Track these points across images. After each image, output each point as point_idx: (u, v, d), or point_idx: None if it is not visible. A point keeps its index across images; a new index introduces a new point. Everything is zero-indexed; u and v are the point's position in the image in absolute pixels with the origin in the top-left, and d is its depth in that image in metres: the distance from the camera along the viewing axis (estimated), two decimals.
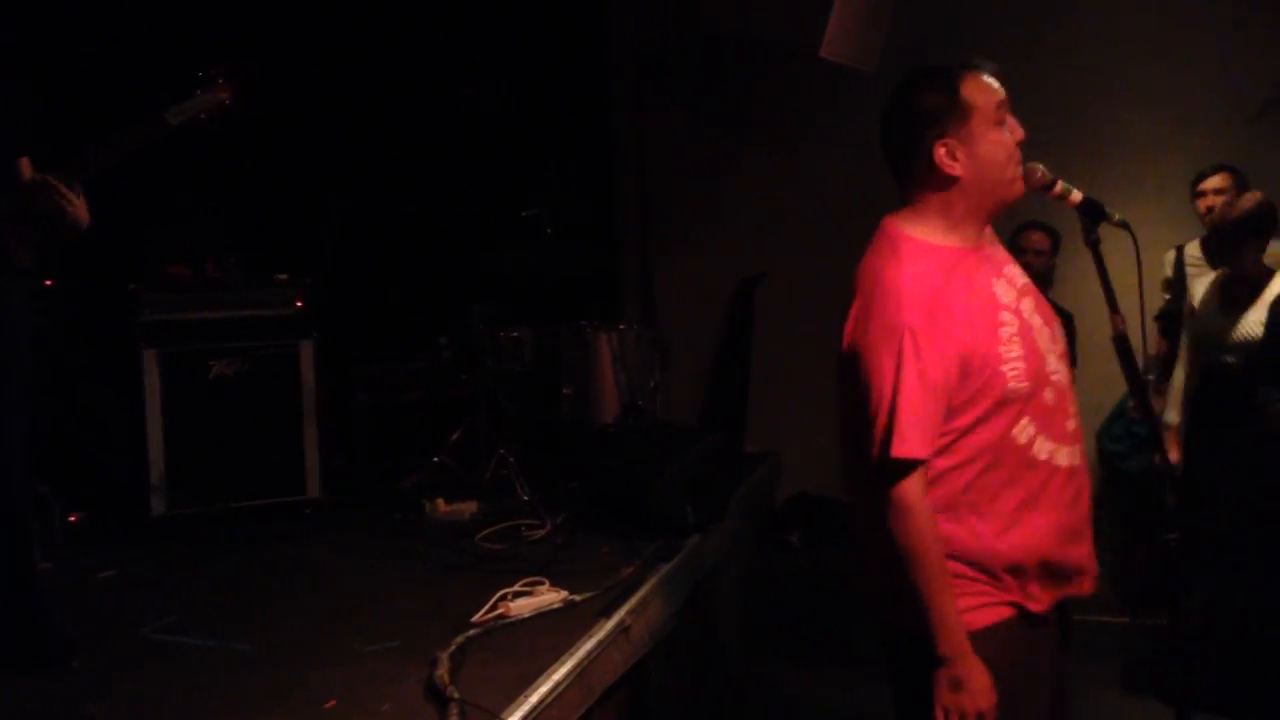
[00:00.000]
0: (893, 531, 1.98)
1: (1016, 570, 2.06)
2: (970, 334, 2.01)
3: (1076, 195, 2.15)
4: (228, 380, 4.34)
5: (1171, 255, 4.53)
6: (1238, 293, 3.87)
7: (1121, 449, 4.81)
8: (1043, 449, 2.06)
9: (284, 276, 4.55)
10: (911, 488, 1.97)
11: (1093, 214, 2.13)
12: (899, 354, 1.96)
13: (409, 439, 5.03)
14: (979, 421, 2.01)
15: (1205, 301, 3.98)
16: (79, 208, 2.79)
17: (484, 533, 3.94)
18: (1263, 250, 3.83)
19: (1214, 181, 4.35)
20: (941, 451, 2.01)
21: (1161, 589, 4.63)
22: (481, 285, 4.90)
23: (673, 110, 5.88)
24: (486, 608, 3.03)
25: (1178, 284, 4.47)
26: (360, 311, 5.37)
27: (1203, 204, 4.37)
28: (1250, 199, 3.82)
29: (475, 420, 4.81)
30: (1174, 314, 4.46)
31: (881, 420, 1.97)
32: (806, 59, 4.62)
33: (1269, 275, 3.76)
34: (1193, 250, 4.54)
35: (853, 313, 2.06)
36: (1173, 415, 4.04)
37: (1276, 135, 4.95)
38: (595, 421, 4.75)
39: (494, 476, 4.57)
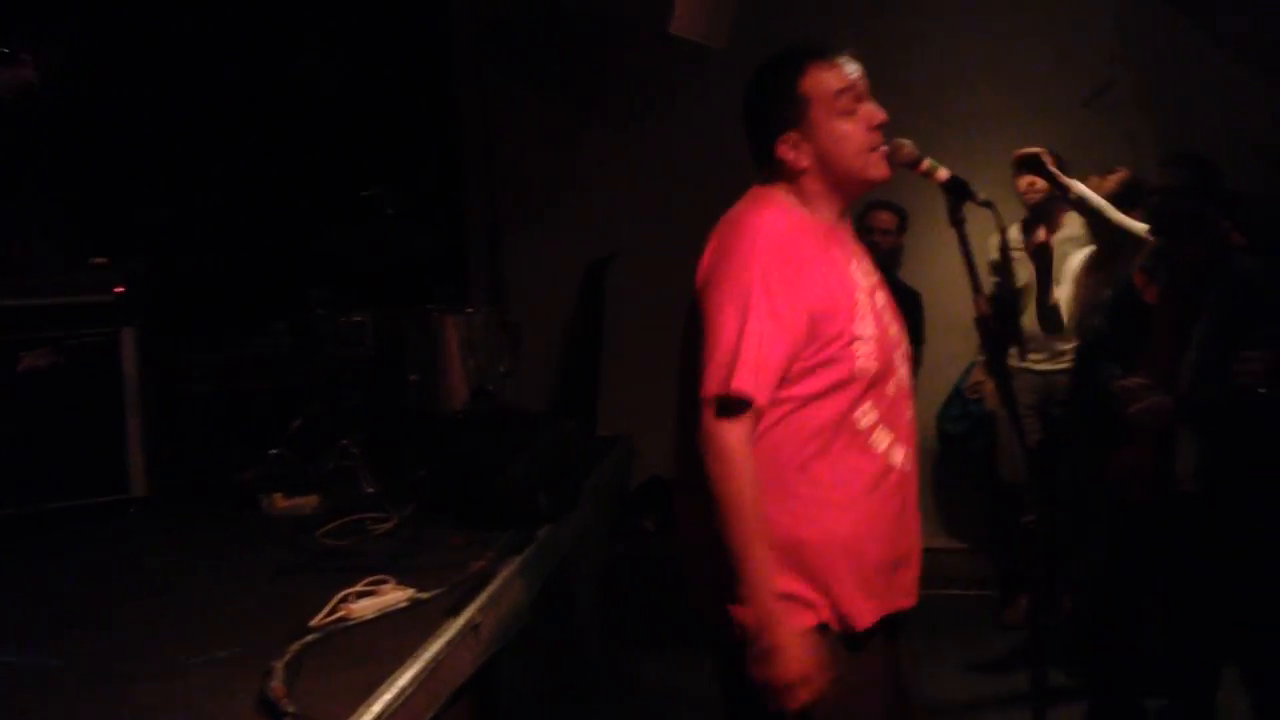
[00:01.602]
0: (713, 477, 1.86)
1: (842, 564, 1.97)
2: (824, 295, 1.95)
3: (943, 172, 2.11)
4: (40, 373, 4.02)
5: (996, 239, 4.63)
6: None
7: (961, 430, 4.92)
8: (881, 439, 2.01)
9: (102, 260, 4.24)
10: (739, 432, 1.87)
11: (959, 193, 2.10)
12: (748, 290, 1.89)
13: (244, 430, 4.76)
14: (820, 395, 1.95)
15: (1082, 276, 4.08)
16: None
17: (325, 528, 3.74)
18: None
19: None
20: (776, 422, 1.93)
21: (1017, 568, 4.77)
22: (320, 268, 4.67)
23: (519, 86, 5.76)
24: (326, 610, 2.85)
25: (1004, 268, 4.57)
26: (190, 297, 5.08)
27: (1023, 182, 4.45)
28: (1116, 177, 3.92)
29: (315, 409, 4.58)
30: (1003, 298, 4.56)
31: (722, 355, 1.88)
32: (655, 35, 4.54)
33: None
34: (1014, 234, 4.64)
35: (707, 252, 1.99)
36: (1027, 395, 4.13)
37: (1108, 117, 5.11)
38: (443, 409, 4.58)
39: (336, 468, 4.35)
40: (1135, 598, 3.51)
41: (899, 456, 2.05)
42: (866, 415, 2.00)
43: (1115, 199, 3.90)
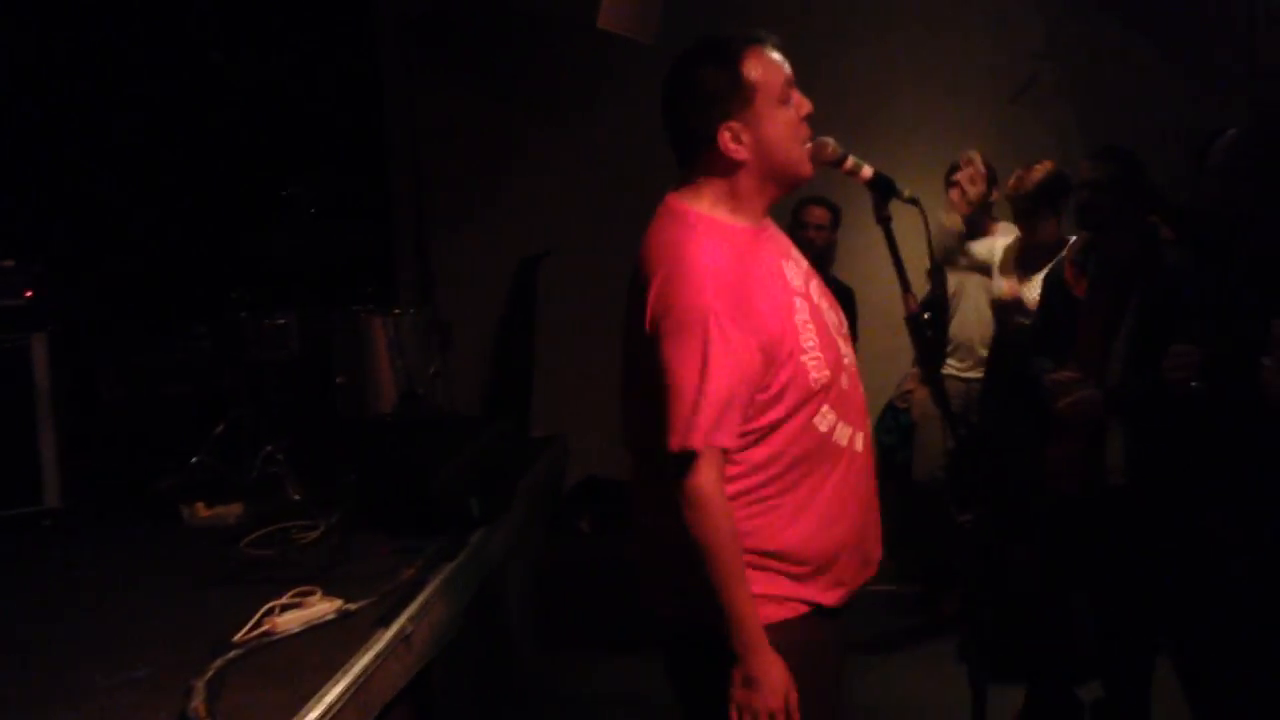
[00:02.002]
0: (689, 524, 1.86)
1: (818, 562, 2.00)
2: (772, 321, 1.93)
3: (867, 170, 2.08)
4: None
5: (929, 245, 4.63)
6: (1033, 259, 4.01)
7: (893, 441, 4.94)
8: (842, 435, 2.02)
9: (9, 263, 4.09)
10: (710, 478, 1.87)
11: (884, 190, 2.07)
12: (705, 339, 1.85)
13: (164, 437, 4.62)
14: (785, 419, 1.94)
15: (1003, 265, 4.10)
16: None
17: (250, 538, 3.63)
18: (1057, 218, 3.98)
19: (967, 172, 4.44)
20: (745, 447, 1.93)
21: (945, 564, 4.79)
22: (242, 269, 4.57)
23: (446, 79, 5.65)
24: (250, 624, 2.76)
25: (937, 272, 4.58)
26: (106, 300, 4.92)
27: (955, 193, 4.44)
28: (1041, 170, 3.95)
29: (239, 414, 4.47)
30: (937, 302, 4.58)
31: (683, 407, 1.85)
32: (583, 29, 4.48)
33: (1063, 244, 3.89)
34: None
35: (652, 291, 1.92)
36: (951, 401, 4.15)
37: (1034, 111, 5.16)
38: (371, 412, 4.52)
39: (261, 475, 4.25)
40: (1068, 589, 3.53)
41: (859, 443, 2.06)
42: (825, 418, 1.99)
43: (1043, 190, 3.93)
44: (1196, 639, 3.06)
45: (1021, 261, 4.08)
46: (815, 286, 2.10)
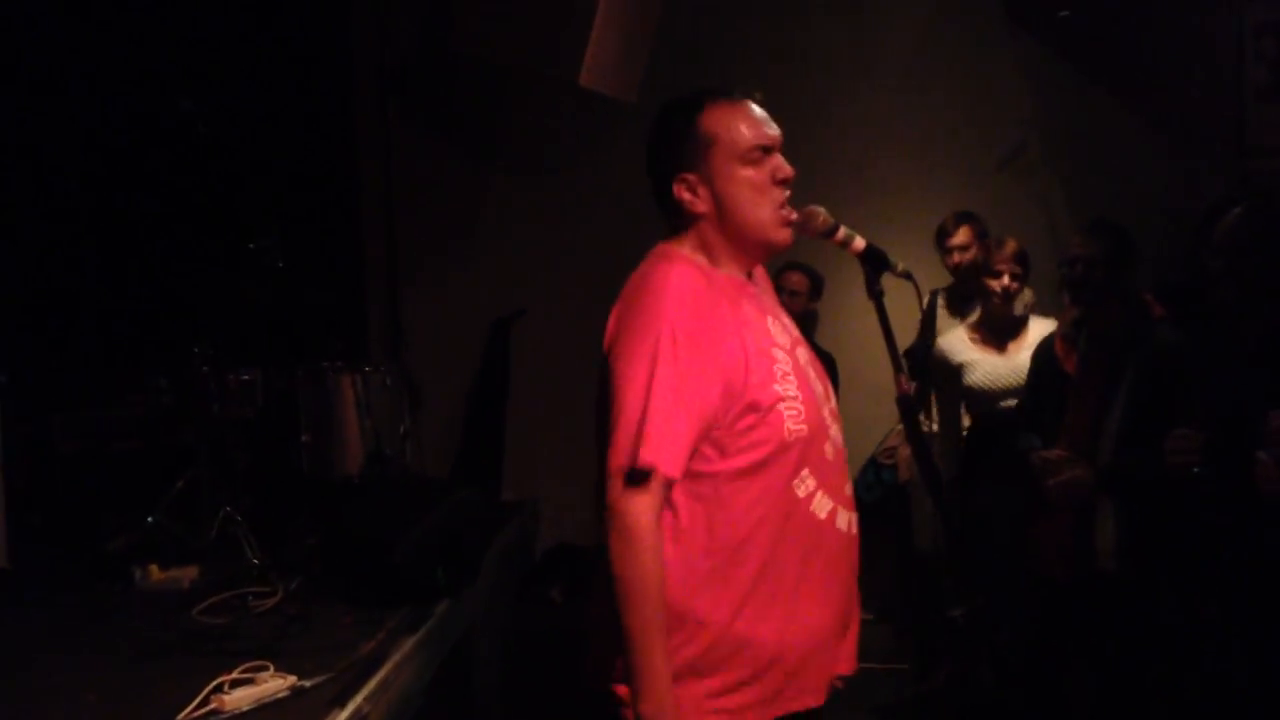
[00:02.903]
0: (613, 556, 1.73)
1: (789, 660, 1.85)
2: (738, 356, 1.81)
3: (859, 243, 2.00)
4: None
5: (927, 297, 4.58)
6: (1001, 338, 3.94)
7: (875, 497, 4.84)
8: (822, 506, 1.88)
9: None
10: (645, 507, 1.73)
11: (876, 264, 1.98)
12: (655, 353, 1.75)
13: (119, 494, 4.46)
14: (755, 467, 1.81)
15: (968, 349, 4.02)
16: None
17: (203, 605, 3.45)
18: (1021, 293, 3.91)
19: (960, 237, 4.41)
20: (708, 501, 1.80)
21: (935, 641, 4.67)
22: (206, 322, 4.42)
23: (422, 133, 5.59)
24: (196, 701, 2.59)
25: (928, 325, 4.51)
26: (62, 350, 4.77)
27: (950, 260, 4.41)
28: (1010, 247, 3.90)
29: (198, 473, 4.31)
30: (921, 351, 4.50)
31: (628, 424, 1.74)
32: (565, 87, 4.43)
33: (1027, 318, 3.82)
34: (940, 298, 4.59)
35: (615, 312, 1.85)
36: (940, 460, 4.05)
37: (1017, 183, 5.13)
38: (337, 473, 4.36)
39: (219, 537, 4.08)
40: (1060, 675, 3.42)
41: (844, 522, 1.94)
42: (804, 483, 1.86)
43: (1016, 266, 3.89)
44: None
45: (989, 339, 4.02)
46: (803, 354, 2.00)
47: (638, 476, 1.74)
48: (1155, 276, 3.41)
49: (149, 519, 4.22)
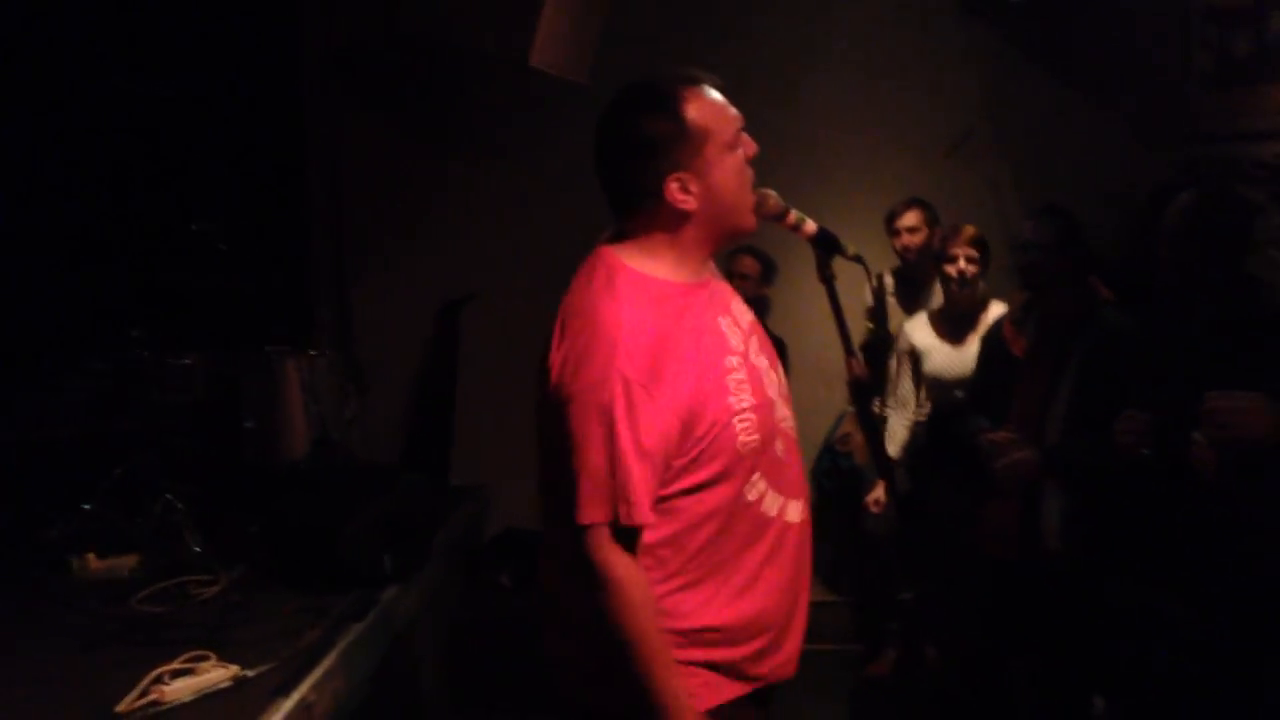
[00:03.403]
0: (603, 610, 1.71)
1: (750, 639, 1.88)
2: (696, 384, 1.79)
3: (810, 226, 1.99)
4: None
5: (871, 284, 4.59)
6: (959, 327, 3.96)
7: (833, 484, 4.85)
8: (771, 504, 1.89)
9: None
10: (622, 559, 1.72)
11: (827, 247, 1.96)
12: (610, 410, 1.71)
13: (55, 482, 4.35)
14: (708, 483, 1.81)
15: (927, 335, 4.05)
16: None
17: (143, 593, 3.39)
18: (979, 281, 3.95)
19: (909, 219, 4.43)
20: (666, 515, 1.79)
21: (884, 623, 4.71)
22: (146, 305, 4.33)
23: (370, 115, 5.50)
24: (136, 692, 2.54)
25: (879, 313, 4.52)
26: None
27: (898, 242, 4.43)
28: (967, 233, 3.92)
29: (137, 460, 4.22)
30: (878, 343, 4.50)
31: (593, 481, 1.71)
32: (516, 69, 4.37)
33: (985, 305, 3.83)
34: (889, 280, 4.61)
35: (560, 350, 1.79)
36: (893, 449, 4.07)
37: (966, 169, 5.15)
38: (281, 459, 4.28)
39: (159, 525, 4.00)
40: (1004, 656, 3.45)
41: (794, 513, 1.94)
42: (754, 487, 1.87)
43: (971, 250, 3.91)
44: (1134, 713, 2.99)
45: (948, 329, 4.05)
46: (755, 344, 1.98)
47: (608, 535, 1.73)
48: (1100, 261, 3.42)
49: (86, 507, 4.15)
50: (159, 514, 4.03)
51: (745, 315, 2.03)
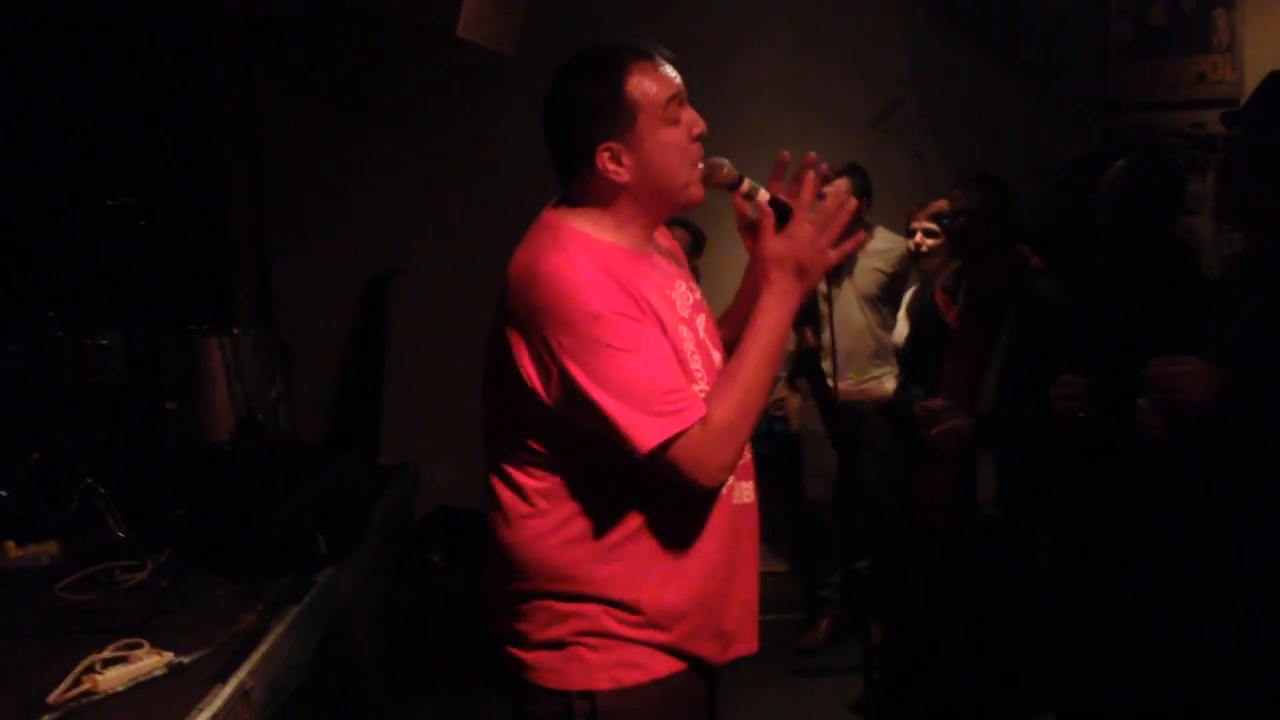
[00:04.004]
0: (723, 464, 1.80)
1: (691, 615, 1.87)
2: (664, 336, 1.80)
3: (765, 194, 1.97)
4: None
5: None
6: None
7: (766, 450, 4.87)
8: (722, 485, 1.89)
9: None
10: (692, 441, 1.76)
11: (783, 215, 1.95)
12: (610, 333, 1.73)
13: None
14: None
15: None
16: None
17: (66, 580, 3.31)
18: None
19: (838, 185, 4.45)
20: (610, 481, 1.80)
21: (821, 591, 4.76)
22: (62, 285, 4.21)
23: (290, 87, 5.38)
24: (68, 682, 2.48)
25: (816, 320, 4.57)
26: None
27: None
28: (933, 207, 3.98)
29: (55, 444, 4.11)
30: (813, 312, 4.54)
31: (632, 408, 1.73)
32: (441, 40, 4.29)
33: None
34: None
35: (535, 333, 1.78)
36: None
37: (893, 139, 5.20)
38: (206, 440, 4.21)
39: (79, 510, 3.90)
40: (936, 625, 3.49)
41: (741, 494, 1.94)
42: None
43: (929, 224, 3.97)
44: (1075, 680, 3.05)
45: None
46: (703, 321, 1.97)
47: (671, 441, 1.73)
48: (1025, 230, 3.47)
49: (3, 493, 4.02)
50: (79, 499, 3.93)
51: (694, 292, 2.01)
